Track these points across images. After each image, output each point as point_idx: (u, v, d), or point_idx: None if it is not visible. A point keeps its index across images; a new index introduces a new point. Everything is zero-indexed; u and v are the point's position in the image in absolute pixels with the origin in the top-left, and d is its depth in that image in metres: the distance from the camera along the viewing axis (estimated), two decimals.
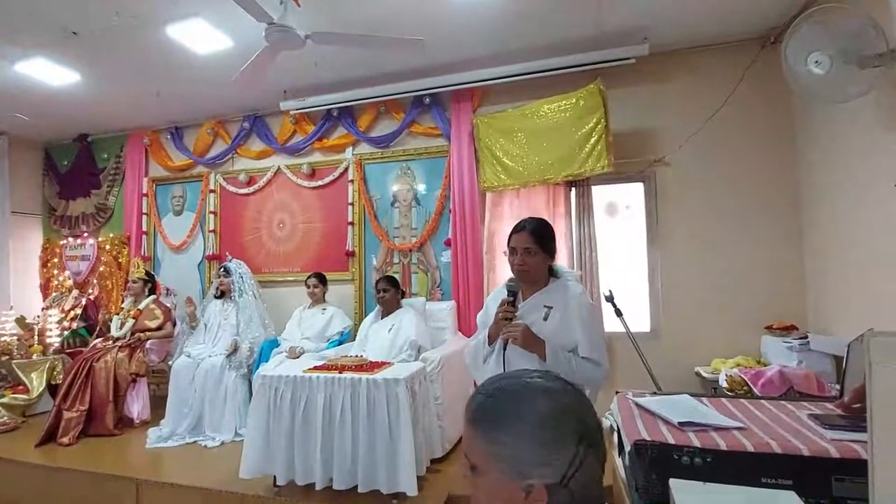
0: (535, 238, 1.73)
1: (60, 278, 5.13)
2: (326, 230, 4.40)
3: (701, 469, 1.11)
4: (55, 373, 4.11)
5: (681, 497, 0.99)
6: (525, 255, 1.72)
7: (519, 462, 0.63)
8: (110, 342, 3.95)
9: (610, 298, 2.49)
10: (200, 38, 3.26)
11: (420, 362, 2.92)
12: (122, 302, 4.43)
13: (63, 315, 4.64)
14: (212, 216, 4.75)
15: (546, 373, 0.73)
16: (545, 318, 1.72)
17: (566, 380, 0.71)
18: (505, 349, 1.71)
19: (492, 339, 1.77)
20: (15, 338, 4.29)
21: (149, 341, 3.99)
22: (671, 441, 1.17)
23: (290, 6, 2.62)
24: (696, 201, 3.49)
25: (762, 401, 1.53)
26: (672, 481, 1.06)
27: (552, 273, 1.82)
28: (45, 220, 5.50)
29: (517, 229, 1.77)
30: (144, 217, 4.99)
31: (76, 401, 3.56)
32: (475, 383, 3.44)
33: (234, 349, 3.69)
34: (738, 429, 1.24)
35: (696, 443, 1.16)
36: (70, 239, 5.18)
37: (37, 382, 4.02)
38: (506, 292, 1.75)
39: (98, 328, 4.45)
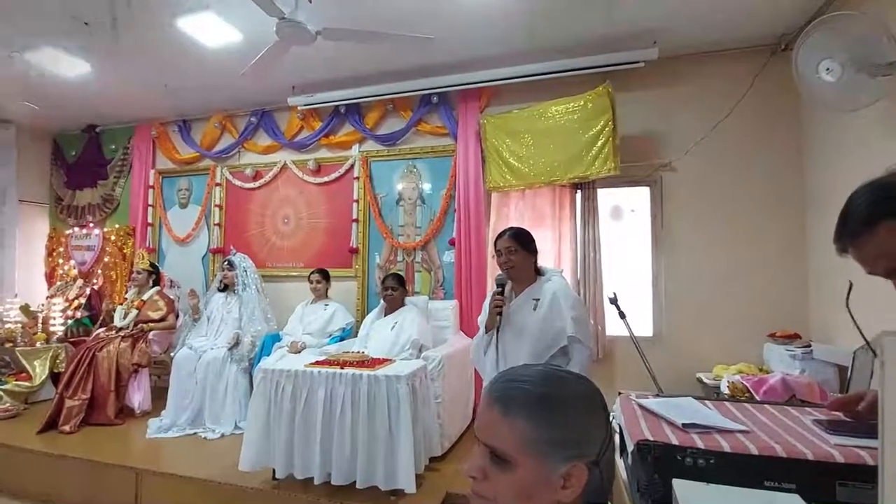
0: (516, 239, 2.08)
1: (66, 267, 5.15)
2: (331, 226, 4.40)
3: (704, 470, 1.10)
4: (58, 361, 4.13)
5: (684, 497, 0.99)
6: (509, 255, 2.07)
7: (567, 442, 0.63)
8: (113, 332, 3.96)
9: (614, 301, 2.48)
10: (210, 31, 3.27)
11: (421, 360, 2.92)
12: (126, 292, 4.45)
13: (67, 304, 4.66)
14: (217, 210, 4.77)
15: (552, 365, 0.77)
16: (535, 309, 2.02)
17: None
18: (497, 335, 2.00)
19: (488, 329, 2.07)
20: (19, 325, 4.32)
21: (151, 332, 4.00)
22: (675, 442, 1.17)
23: (301, 2, 2.63)
24: (702, 207, 3.48)
25: (766, 405, 1.52)
26: (675, 481, 1.05)
27: (538, 272, 2.14)
28: (52, 209, 5.54)
29: (500, 235, 2.14)
30: (150, 209, 5.01)
31: (78, 389, 3.57)
32: (476, 384, 3.44)
33: (236, 342, 3.70)
34: (742, 432, 1.23)
35: (700, 444, 1.15)
36: (76, 229, 5.21)
37: (39, 370, 4.05)
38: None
39: (101, 318, 4.46)
